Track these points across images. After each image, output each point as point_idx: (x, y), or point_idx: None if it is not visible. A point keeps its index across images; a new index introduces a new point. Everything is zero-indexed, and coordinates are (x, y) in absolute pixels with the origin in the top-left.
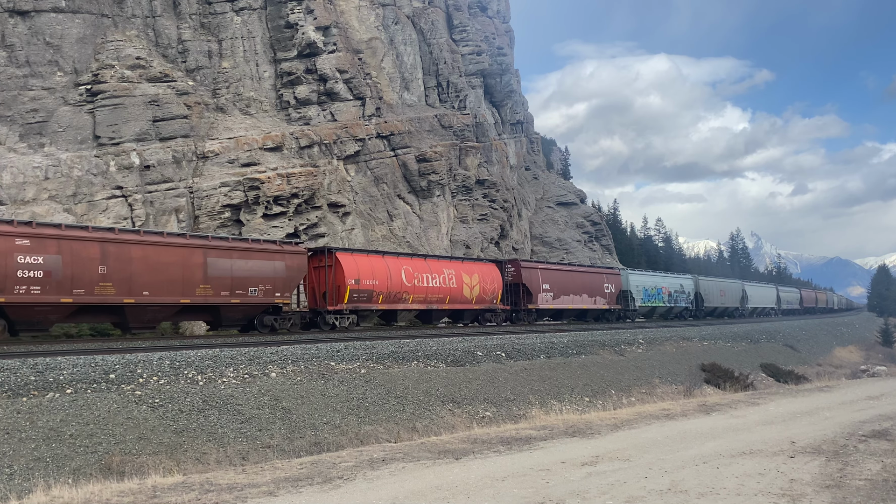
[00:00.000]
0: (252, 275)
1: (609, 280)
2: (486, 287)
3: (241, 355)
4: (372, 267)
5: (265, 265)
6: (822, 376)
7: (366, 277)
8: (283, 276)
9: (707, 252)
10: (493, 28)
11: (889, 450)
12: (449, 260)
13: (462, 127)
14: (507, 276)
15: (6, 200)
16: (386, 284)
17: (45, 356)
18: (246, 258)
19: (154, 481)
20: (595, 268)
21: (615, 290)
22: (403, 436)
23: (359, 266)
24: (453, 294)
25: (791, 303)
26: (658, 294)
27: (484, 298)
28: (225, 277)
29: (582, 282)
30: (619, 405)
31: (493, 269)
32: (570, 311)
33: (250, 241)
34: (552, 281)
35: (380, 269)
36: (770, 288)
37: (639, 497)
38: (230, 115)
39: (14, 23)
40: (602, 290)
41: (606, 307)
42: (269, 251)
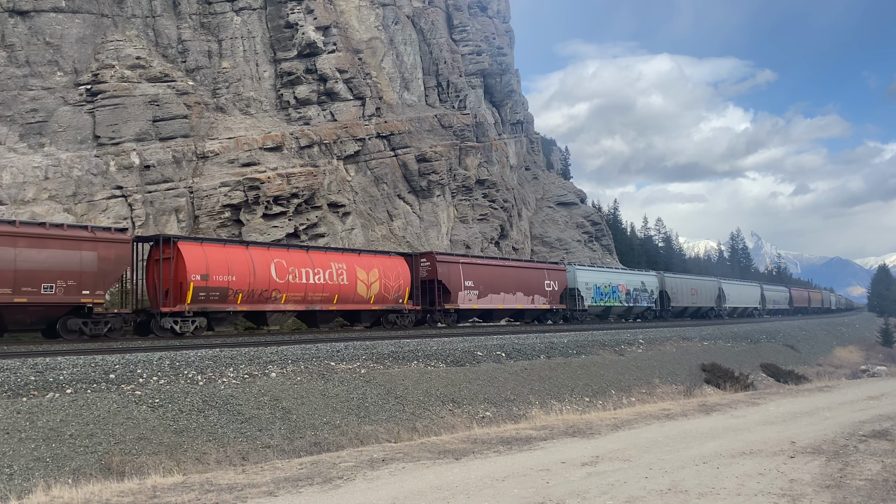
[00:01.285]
0: (47, 267)
1: (552, 276)
2: (388, 284)
3: (241, 355)
4: (228, 260)
5: (67, 256)
6: (823, 376)
7: (218, 272)
8: (93, 270)
9: (707, 252)
10: (493, 28)
11: (889, 450)
12: (340, 253)
13: (462, 127)
14: (422, 271)
15: (6, 200)
16: (247, 281)
17: (45, 356)
18: (38, 247)
19: (154, 481)
20: (534, 262)
21: (559, 288)
22: (403, 436)
23: (208, 258)
24: (344, 292)
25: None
26: (613, 293)
27: (386, 297)
28: (6, 271)
29: (516, 278)
30: (620, 405)
31: (398, 263)
32: (501, 312)
33: (47, 227)
34: (477, 277)
35: (239, 262)
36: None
37: (639, 497)
38: (230, 115)
39: (14, 23)
40: (542, 287)
41: (548, 307)
42: (72, 238)
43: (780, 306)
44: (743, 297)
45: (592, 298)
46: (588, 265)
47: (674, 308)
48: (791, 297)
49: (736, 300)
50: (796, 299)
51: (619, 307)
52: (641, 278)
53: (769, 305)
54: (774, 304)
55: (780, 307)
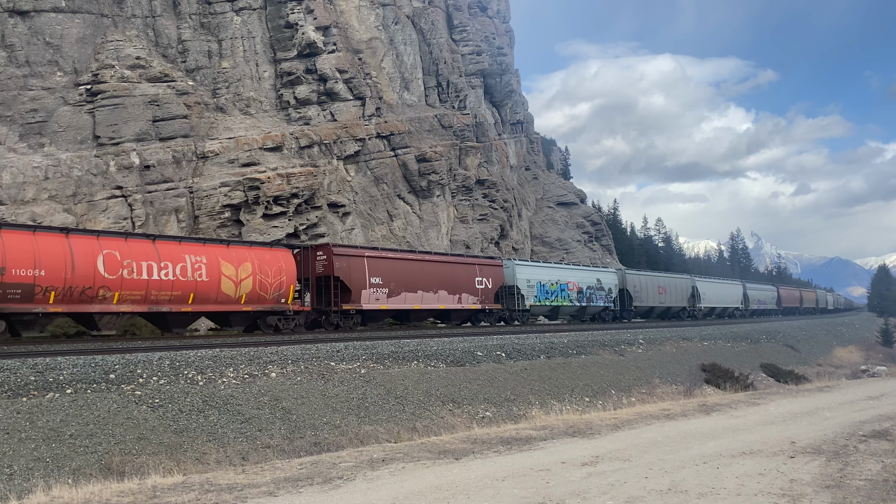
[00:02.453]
0: None
1: (485, 273)
2: (265, 281)
3: (241, 355)
4: (35, 250)
5: None
6: (822, 376)
7: (18, 265)
8: None
9: (707, 252)
10: (493, 28)
11: (889, 450)
12: (200, 244)
13: (462, 127)
14: (318, 266)
15: (6, 200)
16: (62, 276)
17: (45, 356)
18: None
19: (154, 481)
20: (462, 257)
21: (493, 286)
22: (403, 436)
23: (5, 247)
24: (202, 290)
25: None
26: (561, 291)
27: (262, 296)
28: None
29: (439, 275)
30: (620, 405)
31: (280, 256)
32: (419, 313)
33: None
34: (388, 273)
35: (51, 253)
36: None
37: (639, 497)
38: (230, 115)
39: (14, 23)
40: (472, 285)
41: (479, 307)
42: None
43: (767, 306)
44: (721, 296)
45: (535, 297)
46: (531, 260)
47: (637, 308)
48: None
49: (713, 300)
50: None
51: (570, 307)
52: (597, 275)
53: (753, 305)
54: (760, 303)
55: (766, 307)
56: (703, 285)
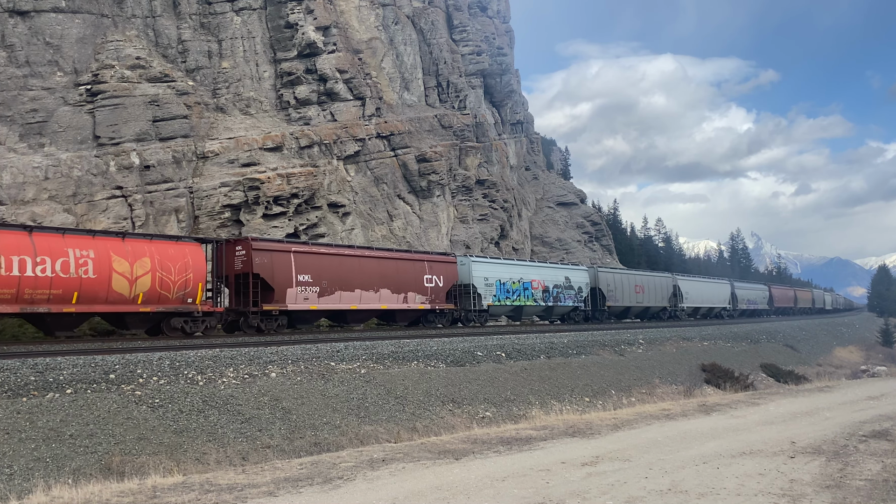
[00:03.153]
0: None
1: (435, 270)
2: (167, 279)
3: (241, 355)
4: None
5: None
6: (823, 376)
7: None
8: None
9: (707, 252)
10: (493, 28)
11: (889, 450)
12: (89, 237)
13: (462, 127)
14: (237, 262)
15: (6, 200)
16: None
17: (45, 356)
18: None
19: (154, 481)
20: (408, 253)
21: (444, 284)
22: (403, 436)
23: None
24: (89, 289)
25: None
26: (525, 290)
27: (164, 296)
28: None
29: (380, 272)
30: (620, 405)
31: (187, 251)
32: (357, 314)
33: None
34: (318, 270)
35: None
36: (720, 284)
37: (639, 497)
38: (230, 115)
39: (14, 23)
40: (420, 283)
41: (428, 307)
42: None
43: (757, 306)
44: (706, 296)
45: (494, 297)
46: (491, 257)
47: (611, 309)
48: (771, 297)
49: (697, 299)
50: (778, 299)
51: (534, 307)
52: (566, 273)
53: (742, 305)
54: (749, 303)
55: (756, 307)
56: (686, 284)
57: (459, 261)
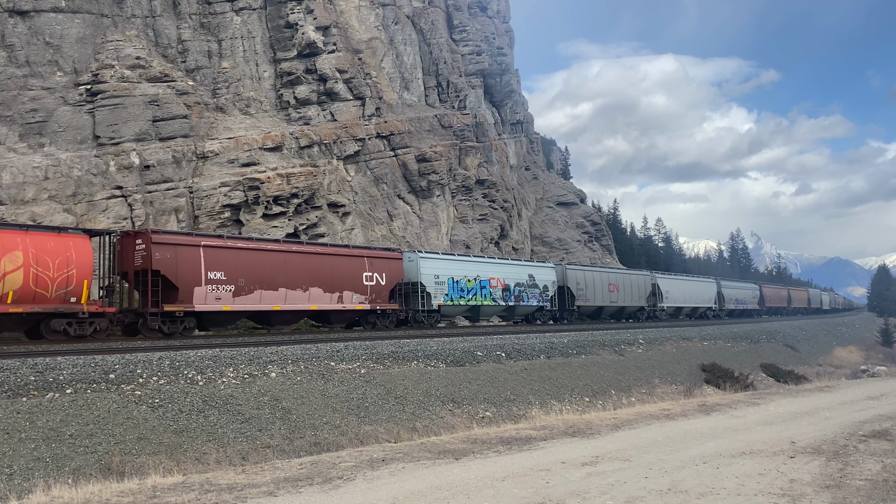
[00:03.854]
0: None
1: (376, 267)
2: (44, 275)
3: (241, 355)
4: None
5: None
6: (822, 376)
7: None
8: None
9: (707, 252)
10: (493, 28)
11: (889, 450)
12: None
13: (462, 127)
14: (137, 258)
15: (6, 200)
16: None
17: (45, 356)
18: None
19: (154, 481)
20: (346, 248)
21: (387, 282)
22: (403, 436)
23: None
24: None
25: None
26: (482, 289)
27: (41, 295)
28: None
29: (308, 269)
30: (620, 405)
31: (71, 244)
32: (282, 315)
33: None
34: (233, 266)
35: None
36: (705, 283)
37: (639, 497)
38: (230, 115)
39: (14, 23)
40: (359, 281)
41: (367, 307)
42: None
43: (746, 306)
44: (689, 295)
45: (446, 296)
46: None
47: (582, 309)
48: (762, 296)
49: (678, 299)
50: (770, 298)
51: (493, 307)
52: (530, 270)
53: (730, 305)
54: (738, 303)
55: (745, 307)
56: (666, 283)
57: (407, 257)
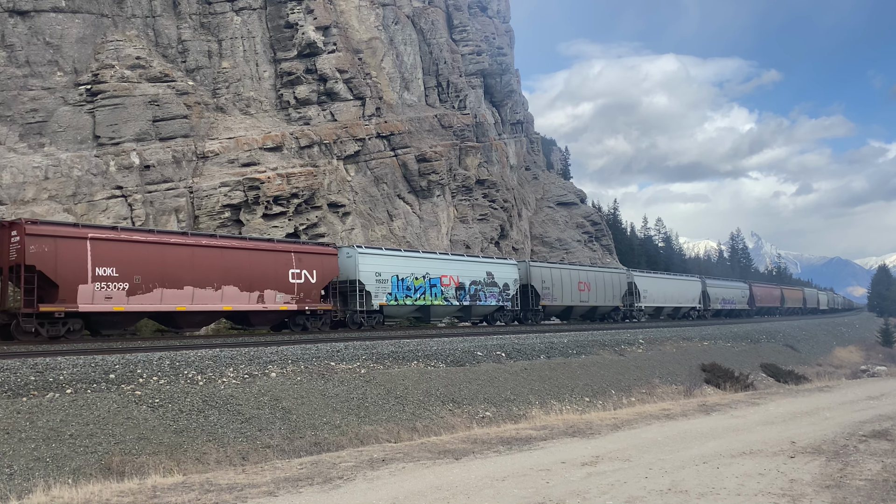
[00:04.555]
0: None
1: (305, 263)
2: None
3: (241, 355)
4: None
5: None
6: (823, 376)
7: None
8: None
9: (707, 252)
10: (493, 28)
11: (889, 450)
12: None
13: (462, 127)
14: (12, 251)
15: (6, 200)
16: None
17: (45, 356)
18: None
19: (154, 481)
20: (268, 242)
21: (319, 280)
22: (403, 436)
23: None
24: None
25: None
26: (432, 287)
27: None
28: None
29: (222, 265)
30: (620, 405)
31: None
32: (190, 317)
33: None
34: (128, 262)
35: None
36: (689, 282)
37: (639, 497)
38: (230, 115)
39: (14, 23)
40: (284, 279)
41: (294, 307)
42: None
43: (735, 306)
44: (670, 294)
45: (389, 295)
46: (386, 248)
47: (548, 309)
48: (752, 296)
49: (657, 298)
50: (761, 298)
51: (445, 307)
52: (488, 268)
53: (716, 305)
54: (724, 303)
55: (732, 307)
56: (644, 281)
57: (344, 252)
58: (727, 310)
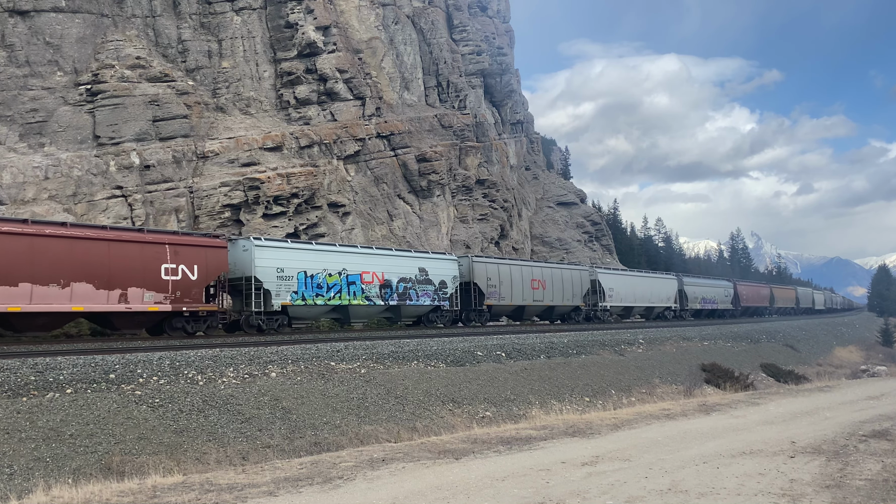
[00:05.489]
0: None
1: (183, 256)
2: None
3: (241, 355)
4: None
5: None
6: (823, 376)
7: None
8: None
9: (707, 252)
10: (493, 28)
11: (889, 450)
12: None
13: (462, 127)
14: None
15: (6, 200)
16: None
17: (45, 356)
18: None
19: (154, 481)
20: (134, 232)
21: (201, 277)
22: (403, 436)
23: None
24: None
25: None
26: (349, 285)
27: None
28: None
29: (73, 258)
30: (620, 405)
31: None
32: (30, 319)
33: None
34: None
35: None
36: (663, 280)
37: (639, 497)
38: (230, 115)
39: (14, 23)
40: (155, 275)
41: (169, 308)
42: None
43: (717, 306)
44: (641, 293)
45: (295, 294)
46: (293, 241)
47: (494, 309)
48: (736, 295)
49: (626, 298)
50: (746, 297)
51: (366, 308)
52: (421, 263)
53: (695, 305)
54: (705, 303)
55: (714, 307)
56: (610, 279)
57: (240, 245)
58: (708, 310)
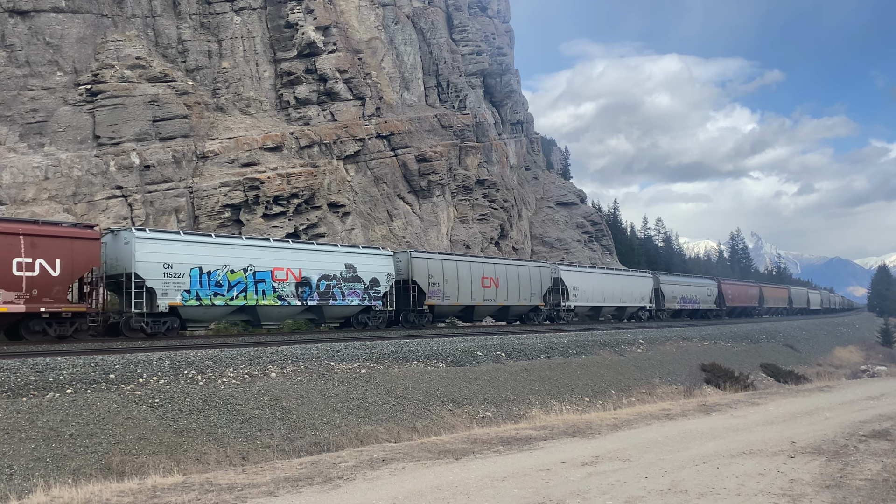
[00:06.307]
0: None
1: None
2: None
3: (241, 355)
4: None
5: None
6: (822, 376)
7: None
8: None
9: (707, 252)
10: (493, 28)
11: (889, 450)
12: None
13: (462, 127)
14: None
15: (6, 200)
16: None
17: (45, 356)
18: None
19: (154, 481)
20: None
21: (65, 273)
22: (403, 436)
23: None
24: None
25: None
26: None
27: None
28: None
29: None
30: (620, 405)
31: None
32: None
33: None
34: None
35: None
36: (638, 278)
37: (639, 497)
38: (230, 115)
39: (14, 23)
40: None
41: (23, 309)
42: None
43: (698, 306)
44: (611, 293)
45: (187, 293)
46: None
47: (438, 309)
48: (721, 295)
49: (593, 297)
50: (732, 297)
51: (279, 308)
52: (348, 259)
53: (672, 305)
54: (684, 302)
55: (695, 307)
56: (575, 277)
57: (121, 237)
58: (688, 310)
